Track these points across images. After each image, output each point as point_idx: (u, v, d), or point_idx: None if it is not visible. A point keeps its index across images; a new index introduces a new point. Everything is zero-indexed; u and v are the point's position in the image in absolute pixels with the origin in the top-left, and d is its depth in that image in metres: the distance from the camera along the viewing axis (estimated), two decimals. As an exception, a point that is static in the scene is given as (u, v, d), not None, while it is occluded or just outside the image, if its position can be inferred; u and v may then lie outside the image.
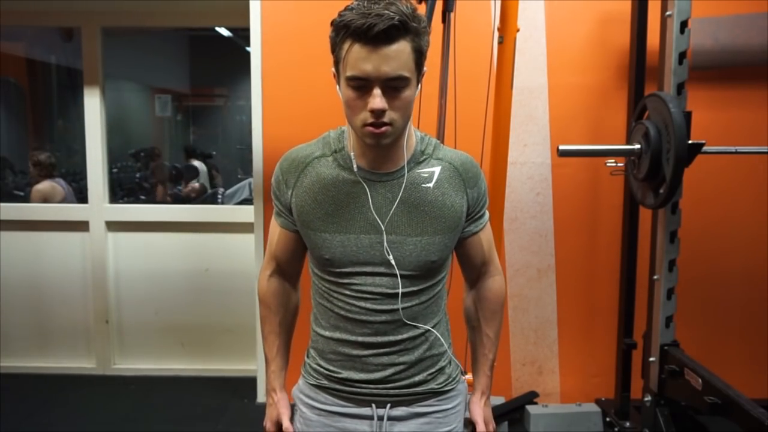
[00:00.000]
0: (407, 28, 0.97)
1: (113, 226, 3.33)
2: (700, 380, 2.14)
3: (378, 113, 0.99)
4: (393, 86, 0.99)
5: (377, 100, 0.98)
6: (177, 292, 3.37)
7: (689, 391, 2.20)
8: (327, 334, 1.17)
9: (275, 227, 1.22)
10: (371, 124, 1.00)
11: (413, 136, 1.14)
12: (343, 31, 0.98)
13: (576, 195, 2.88)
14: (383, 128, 1.01)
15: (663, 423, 2.35)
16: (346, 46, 0.98)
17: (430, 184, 1.12)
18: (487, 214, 1.23)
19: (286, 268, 1.25)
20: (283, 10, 2.80)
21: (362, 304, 1.11)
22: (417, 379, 1.16)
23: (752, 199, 2.86)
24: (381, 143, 1.03)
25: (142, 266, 3.36)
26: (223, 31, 5.43)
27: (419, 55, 1.01)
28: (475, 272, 1.26)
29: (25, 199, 3.97)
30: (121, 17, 3.26)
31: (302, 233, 1.16)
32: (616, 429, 2.71)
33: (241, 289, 3.26)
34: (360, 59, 0.97)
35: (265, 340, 1.27)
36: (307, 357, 1.24)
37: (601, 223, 2.90)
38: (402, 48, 0.97)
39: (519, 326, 2.94)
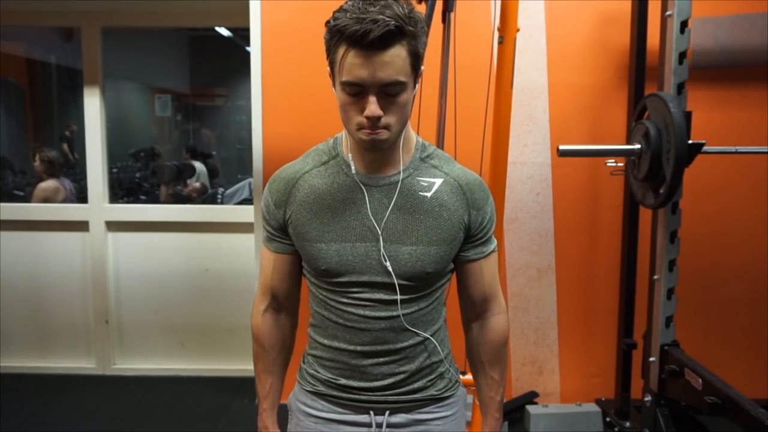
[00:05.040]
0: (403, 32, 0.94)
1: (113, 226, 3.33)
2: (700, 380, 2.14)
3: (373, 120, 0.97)
4: (389, 92, 0.97)
5: (372, 107, 0.96)
6: (177, 292, 3.37)
7: (689, 391, 2.20)
8: (325, 342, 1.15)
9: (268, 255, 1.18)
10: (367, 128, 0.99)
11: (412, 141, 1.12)
12: (337, 36, 0.95)
13: (576, 195, 2.88)
14: (379, 131, 0.99)
15: (663, 423, 2.35)
16: (340, 51, 0.96)
17: (428, 194, 1.09)
18: (494, 244, 1.18)
19: (283, 300, 1.21)
20: (283, 10, 2.80)
21: (360, 312, 1.10)
22: (416, 386, 1.14)
23: (752, 199, 2.86)
24: (377, 147, 1.02)
25: (142, 266, 3.36)
26: (223, 31, 5.43)
27: (415, 58, 0.98)
28: (475, 309, 1.20)
29: (25, 199, 3.97)
30: (121, 17, 3.25)
31: (298, 247, 1.13)
32: (616, 429, 2.71)
33: (241, 289, 3.26)
34: (355, 65, 0.94)
35: (258, 378, 1.24)
36: (304, 362, 1.22)
37: (601, 223, 2.90)
38: (397, 53, 0.95)
39: (519, 326, 2.94)
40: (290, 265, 1.18)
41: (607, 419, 2.78)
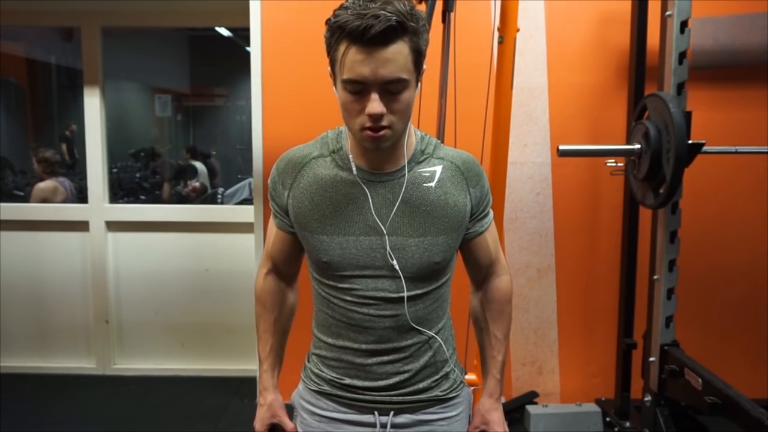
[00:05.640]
0: (405, 28, 0.93)
1: (113, 226, 3.33)
2: (700, 380, 2.14)
3: (376, 118, 0.96)
4: (391, 89, 0.96)
5: (375, 104, 0.95)
6: (177, 292, 3.37)
7: (689, 391, 2.20)
8: (329, 341, 1.15)
9: (272, 228, 1.20)
10: (369, 128, 0.98)
11: (413, 136, 1.12)
12: (338, 33, 0.94)
13: (576, 195, 2.88)
14: (382, 132, 0.98)
15: (663, 423, 2.35)
16: (341, 48, 0.95)
17: (432, 184, 1.09)
18: (492, 213, 1.21)
19: (283, 268, 1.23)
20: (283, 10, 2.80)
21: (364, 310, 1.09)
22: (421, 386, 1.14)
23: (752, 199, 2.86)
24: (380, 147, 1.01)
25: (142, 266, 3.36)
26: (223, 31, 5.43)
27: (418, 55, 0.98)
28: (482, 273, 1.24)
29: (25, 199, 3.97)
30: (121, 17, 3.25)
31: (299, 235, 1.14)
32: (616, 429, 2.71)
33: (241, 289, 3.26)
34: (356, 62, 0.93)
35: (259, 338, 1.25)
36: (308, 362, 1.22)
37: (601, 223, 2.90)
38: (400, 49, 0.94)
39: (519, 326, 2.94)
40: (290, 243, 1.19)
41: (607, 419, 2.78)
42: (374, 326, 1.09)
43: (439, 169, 1.11)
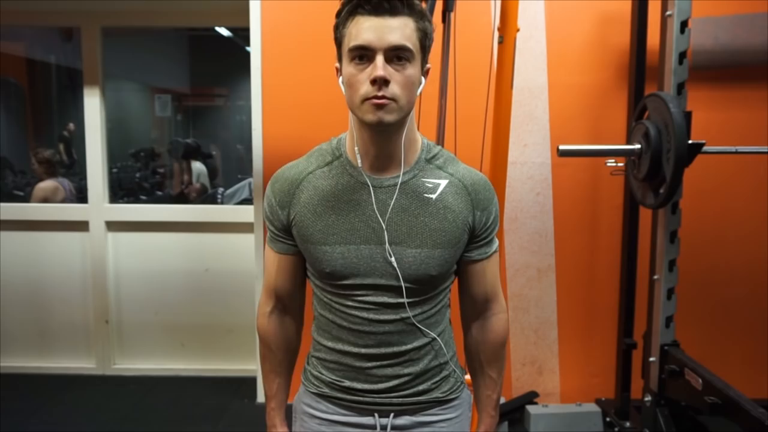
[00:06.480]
0: (411, 7, 0.98)
1: (113, 226, 3.33)
2: (700, 380, 2.14)
3: (380, 82, 0.96)
4: (397, 56, 0.97)
5: (379, 68, 0.95)
6: (177, 292, 3.37)
7: (689, 391, 2.20)
8: (329, 344, 1.14)
9: (272, 256, 1.16)
10: (373, 97, 0.97)
11: (418, 141, 1.11)
12: (347, 8, 0.98)
13: (576, 195, 2.88)
14: (385, 101, 0.97)
15: (663, 423, 2.35)
16: (349, 22, 0.98)
17: (433, 196, 1.08)
18: (496, 244, 1.17)
19: (288, 301, 1.20)
20: (283, 10, 2.80)
21: (364, 314, 1.09)
22: (421, 387, 1.13)
23: (752, 199, 2.86)
24: (384, 120, 0.98)
25: (142, 266, 3.36)
26: (223, 31, 5.43)
27: (424, 36, 1.00)
28: (476, 308, 1.20)
29: (25, 199, 3.97)
30: (121, 17, 3.26)
31: (302, 249, 1.12)
32: (616, 429, 2.71)
33: (241, 289, 3.26)
34: (363, 29, 0.96)
35: (265, 378, 1.24)
36: (308, 364, 1.21)
37: (601, 223, 2.90)
38: (406, 23, 0.97)
39: (519, 326, 2.94)
40: (294, 265, 1.16)
41: (607, 419, 2.78)
42: (374, 331, 1.09)
43: (444, 183, 1.09)
